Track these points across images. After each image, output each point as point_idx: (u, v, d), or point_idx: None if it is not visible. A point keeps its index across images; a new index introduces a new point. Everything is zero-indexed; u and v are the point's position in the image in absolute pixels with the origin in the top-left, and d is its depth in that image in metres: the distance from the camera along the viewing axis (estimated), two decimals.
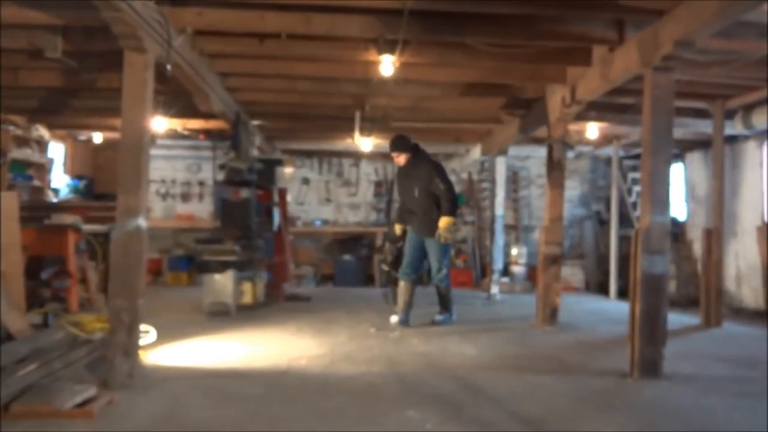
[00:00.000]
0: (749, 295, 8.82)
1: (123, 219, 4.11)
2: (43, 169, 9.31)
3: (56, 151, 10.17)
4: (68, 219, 6.92)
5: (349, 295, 9.54)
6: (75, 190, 9.97)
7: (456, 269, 10.54)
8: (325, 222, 11.75)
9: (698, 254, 9.08)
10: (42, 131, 9.17)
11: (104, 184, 10.06)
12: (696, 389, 4.22)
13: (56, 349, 4.08)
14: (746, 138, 8.57)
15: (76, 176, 10.36)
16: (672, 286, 9.35)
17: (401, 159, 6.65)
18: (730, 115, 7.54)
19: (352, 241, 11.59)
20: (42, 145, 9.33)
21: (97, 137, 10.54)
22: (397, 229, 6.85)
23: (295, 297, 8.70)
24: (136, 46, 4.17)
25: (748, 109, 7.40)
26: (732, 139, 8.57)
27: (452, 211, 6.41)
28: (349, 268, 11.17)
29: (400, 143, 6.69)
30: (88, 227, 7.11)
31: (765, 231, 8.48)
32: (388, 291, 7.18)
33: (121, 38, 4.12)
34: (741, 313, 8.62)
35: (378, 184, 11.91)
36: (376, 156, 11.65)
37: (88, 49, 5.64)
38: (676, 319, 7.17)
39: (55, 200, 9.28)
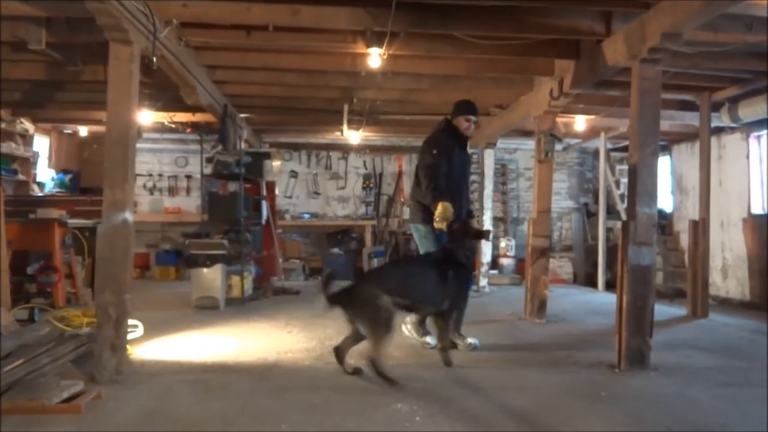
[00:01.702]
0: (735, 287, 8.90)
1: (109, 213, 4.07)
2: (28, 163, 9.22)
3: (41, 144, 10.08)
4: (54, 213, 6.88)
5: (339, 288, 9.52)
6: (60, 184, 9.88)
7: None
8: (313, 215, 11.73)
9: (685, 246, 9.15)
10: (26, 125, 9.09)
11: (90, 178, 9.96)
12: (682, 380, 4.25)
13: (42, 344, 4.03)
14: (732, 130, 8.63)
15: (62, 170, 10.27)
16: (659, 278, 9.44)
17: (472, 127, 5.38)
18: (716, 107, 7.59)
19: (340, 235, 11.58)
20: (26, 138, 9.25)
21: (83, 131, 10.46)
22: (450, 210, 4.74)
23: (283, 291, 8.68)
24: (121, 37, 4.12)
25: (734, 101, 7.45)
26: (718, 131, 8.62)
27: None
28: (338, 261, 11.15)
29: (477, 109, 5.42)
30: (74, 221, 7.06)
31: (751, 223, 8.56)
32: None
33: (106, 30, 4.08)
34: (727, 304, 8.70)
35: (366, 177, 11.90)
36: (365, 149, 11.65)
37: (72, 40, 5.59)
38: (663, 310, 7.24)
39: (40, 194, 9.19)
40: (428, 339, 5.14)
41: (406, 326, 5.34)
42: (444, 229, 4.69)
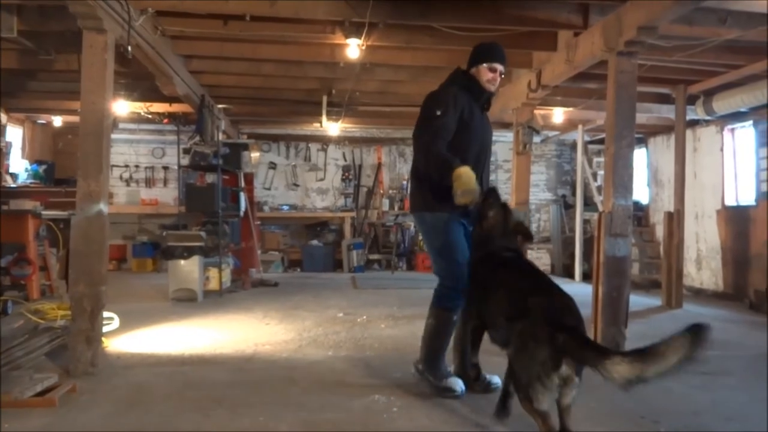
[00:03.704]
0: (709, 277, 9.05)
1: (83, 204, 4.02)
2: (1, 153, 9.05)
3: (14, 135, 9.90)
4: (27, 205, 6.78)
5: (317, 280, 9.53)
6: (34, 175, 9.73)
7: (425, 254, 10.59)
8: (292, 207, 11.69)
9: (660, 237, 9.27)
10: None
11: (65, 169, 9.84)
12: None
13: (16, 337, 3.98)
14: (707, 123, 8.74)
15: (36, 161, 10.11)
16: (635, 269, 9.56)
17: (499, 80, 3.74)
18: (692, 100, 7.68)
19: (319, 227, 11.56)
20: None
21: (57, 121, 10.30)
22: (473, 177, 3.24)
23: (262, 283, 8.65)
24: (94, 26, 4.06)
25: (709, 94, 7.54)
26: (693, 124, 8.73)
27: None
28: (317, 253, 11.15)
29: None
30: (48, 213, 6.97)
31: (724, 214, 8.69)
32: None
33: (79, 18, 4.01)
34: (701, 295, 8.84)
35: (346, 169, 11.87)
36: (344, 140, 11.61)
37: (44, 28, 5.48)
38: (638, 300, 7.33)
39: (13, 185, 9.05)
40: (493, 378, 3.77)
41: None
42: (469, 205, 3.29)
